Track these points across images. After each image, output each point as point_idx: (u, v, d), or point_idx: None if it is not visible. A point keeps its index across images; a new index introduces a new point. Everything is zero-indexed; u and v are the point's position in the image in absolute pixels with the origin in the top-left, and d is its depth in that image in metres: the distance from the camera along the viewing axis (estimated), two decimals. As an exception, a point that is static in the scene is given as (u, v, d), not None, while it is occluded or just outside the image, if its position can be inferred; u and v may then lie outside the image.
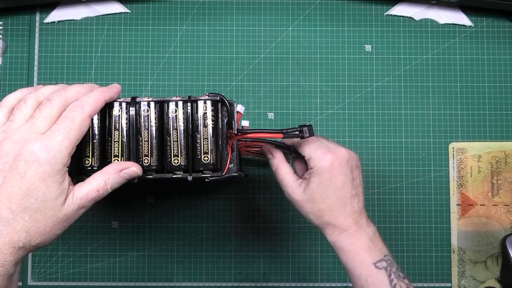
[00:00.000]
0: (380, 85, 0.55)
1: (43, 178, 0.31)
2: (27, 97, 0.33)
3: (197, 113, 0.40)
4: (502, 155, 0.55)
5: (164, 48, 0.55)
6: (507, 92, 0.55)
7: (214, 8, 0.56)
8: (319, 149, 0.40)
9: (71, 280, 0.54)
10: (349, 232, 0.40)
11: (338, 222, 0.40)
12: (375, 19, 0.56)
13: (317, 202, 0.40)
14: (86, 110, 0.33)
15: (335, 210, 0.40)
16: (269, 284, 0.54)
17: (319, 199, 0.40)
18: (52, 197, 0.31)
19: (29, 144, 0.31)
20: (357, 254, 0.39)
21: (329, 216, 0.40)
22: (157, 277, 0.54)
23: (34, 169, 0.31)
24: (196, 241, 0.54)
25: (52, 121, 0.32)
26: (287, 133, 0.43)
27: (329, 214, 0.40)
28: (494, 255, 0.54)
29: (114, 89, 0.37)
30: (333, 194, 0.40)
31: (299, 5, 0.56)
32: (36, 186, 0.31)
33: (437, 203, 0.55)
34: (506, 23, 0.56)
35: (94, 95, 0.34)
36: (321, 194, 0.40)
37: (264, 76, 0.55)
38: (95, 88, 0.36)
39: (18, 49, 0.55)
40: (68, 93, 0.33)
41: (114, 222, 0.55)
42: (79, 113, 0.32)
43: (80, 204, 0.33)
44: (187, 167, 0.40)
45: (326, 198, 0.40)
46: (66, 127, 0.32)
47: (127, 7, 0.56)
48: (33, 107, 0.33)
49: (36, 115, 0.32)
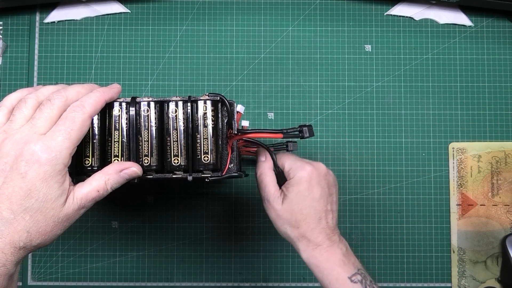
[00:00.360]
0: (380, 85, 0.55)
1: (44, 179, 0.31)
2: (27, 97, 0.33)
3: (197, 113, 0.40)
4: (502, 155, 0.55)
5: (164, 48, 0.55)
6: (507, 92, 0.55)
7: (214, 8, 0.56)
8: (298, 161, 0.42)
9: (71, 280, 0.54)
10: (323, 247, 0.40)
11: (313, 236, 0.40)
12: (375, 19, 0.56)
13: (294, 213, 0.40)
14: (87, 110, 0.33)
15: (311, 223, 0.40)
16: (269, 284, 0.54)
17: (296, 209, 0.40)
18: (53, 197, 0.31)
19: (30, 145, 0.31)
20: (332, 270, 0.40)
21: (305, 228, 0.40)
22: (157, 277, 0.54)
23: (35, 170, 0.31)
24: (196, 241, 0.54)
25: (52, 121, 0.32)
26: (287, 133, 0.43)
27: (305, 225, 0.40)
28: (494, 255, 0.54)
29: (115, 89, 0.37)
30: (309, 205, 0.40)
31: (299, 5, 0.56)
32: (37, 186, 0.31)
33: (437, 203, 0.55)
34: (506, 23, 0.56)
35: (95, 95, 0.34)
36: (298, 204, 0.40)
37: (264, 76, 0.55)
38: (95, 88, 0.36)
39: (18, 49, 0.55)
40: (68, 93, 0.33)
41: (114, 222, 0.55)
42: (79, 114, 0.32)
43: (81, 204, 0.33)
44: (187, 167, 0.40)
45: (303, 209, 0.40)
46: (67, 127, 0.32)
47: (127, 7, 0.56)
48: (33, 107, 0.33)
49: (37, 116, 0.32)
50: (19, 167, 0.31)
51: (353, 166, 0.55)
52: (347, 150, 0.55)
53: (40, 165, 0.31)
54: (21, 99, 0.33)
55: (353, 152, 0.55)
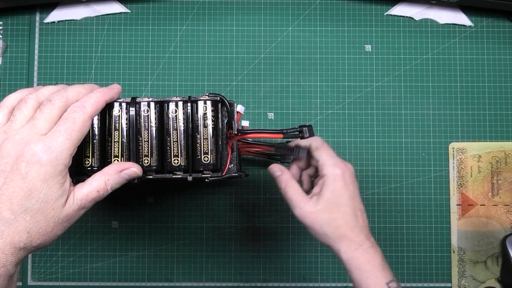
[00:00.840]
0: (380, 85, 0.55)
1: (44, 179, 0.31)
2: (27, 97, 0.33)
3: (197, 113, 0.40)
4: (502, 155, 0.55)
5: (164, 48, 0.55)
6: (507, 92, 0.55)
7: (214, 8, 0.56)
8: (334, 158, 0.41)
9: (71, 280, 0.54)
10: (364, 248, 0.39)
11: (354, 235, 0.39)
12: (375, 19, 0.56)
13: (332, 211, 0.39)
14: (87, 111, 0.33)
15: (350, 221, 0.39)
16: (269, 284, 0.54)
17: (334, 207, 0.39)
18: (53, 198, 0.31)
19: (31, 145, 0.31)
20: (372, 274, 0.38)
21: (345, 228, 0.39)
22: (157, 277, 0.54)
23: (36, 170, 0.31)
24: (196, 241, 0.54)
25: (53, 121, 0.32)
26: (287, 133, 0.43)
27: (344, 225, 0.39)
28: (494, 255, 0.54)
29: (115, 90, 0.37)
30: (346, 203, 0.39)
31: (299, 5, 0.56)
32: (38, 187, 0.31)
33: (437, 203, 0.55)
34: (506, 23, 0.56)
35: (95, 96, 0.34)
36: (336, 203, 0.39)
37: (264, 76, 0.55)
38: (95, 88, 0.36)
39: (18, 49, 0.55)
40: (68, 93, 0.33)
41: (114, 222, 0.55)
42: (80, 114, 0.32)
43: (81, 204, 0.33)
44: (187, 167, 0.40)
45: (340, 207, 0.39)
46: (67, 128, 0.32)
47: (127, 7, 0.56)
48: (33, 107, 0.33)
49: (37, 116, 0.32)
50: (20, 168, 0.31)
51: (353, 166, 0.55)
52: (347, 150, 0.55)
53: (41, 166, 0.31)
54: (21, 99, 0.33)
55: (353, 152, 0.55)
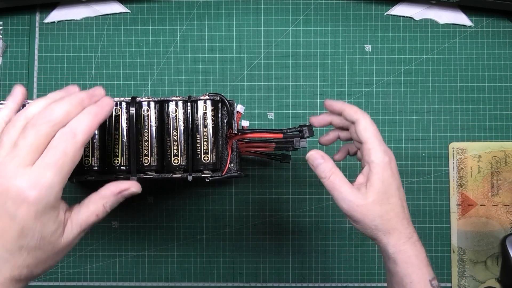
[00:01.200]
0: (380, 85, 0.55)
1: (36, 217, 0.28)
2: (16, 119, 0.30)
3: (197, 113, 0.40)
4: (502, 155, 0.55)
5: (164, 48, 0.55)
6: (507, 92, 0.55)
7: (214, 8, 0.56)
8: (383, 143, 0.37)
9: (71, 280, 0.54)
10: (412, 241, 0.36)
11: (403, 227, 0.36)
12: (375, 19, 0.56)
13: (383, 203, 0.36)
14: (79, 139, 0.29)
15: (399, 212, 0.36)
16: (269, 284, 0.54)
17: (385, 199, 0.36)
18: (49, 233, 0.29)
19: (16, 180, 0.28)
20: (418, 269, 0.36)
21: (395, 220, 0.36)
22: (157, 277, 0.54)
23: (24, 210, 0.28)
24: (196, 241, 0.54)
25: (38, 150, 0.28)
26: (287, 133, 0.43)
27: (395, 216, 0.36)
28: (494, 255, 0.54)
29: (106, 108, 0.32)
30: (395, 194, 0.36)
31: (299, 5, 0.56)
32: (30, 225, 0.28)
33: (437, 203, 0.55)
34: (506, 23, 0.56)
35: (87, 120, 0.30)
36: (386, 193, 0.36)
37: (264, 76, 0.55)
38: (85, 101, 0.31)
39: (18, 49, 0.55)
40: (55, 115, 0.29)
41: (114, 222, 0.54)
42: (70, 144, 0.29)
43: (80, 230, 0.31)
44: (187, 167, 0.40)
45: (390, 198, 0.36)
46: (57, 160, 0.28)
47: (127, 7, 0.56)
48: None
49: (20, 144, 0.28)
50: (6, 207, 0.28)
51: (353, 166, 0.55)
52: (347, 150, 0.55)
53: (29, 205, 0.28)
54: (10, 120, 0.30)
55: (353, 152, 0.55)
